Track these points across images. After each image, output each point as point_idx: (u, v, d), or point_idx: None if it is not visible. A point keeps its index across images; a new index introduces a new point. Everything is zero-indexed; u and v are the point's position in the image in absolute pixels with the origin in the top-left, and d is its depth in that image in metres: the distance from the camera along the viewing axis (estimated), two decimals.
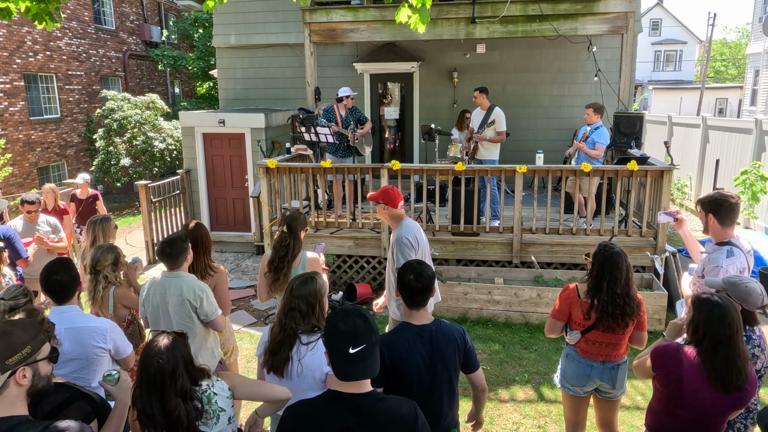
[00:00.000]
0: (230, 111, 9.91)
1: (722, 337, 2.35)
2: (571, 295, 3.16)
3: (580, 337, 3.15)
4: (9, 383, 1.76)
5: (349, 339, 1.84)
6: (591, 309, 3.06)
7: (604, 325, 3.06)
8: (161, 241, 3.38)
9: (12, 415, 1.77)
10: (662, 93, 31.59)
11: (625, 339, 3.14)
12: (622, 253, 3.05)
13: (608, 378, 3.18)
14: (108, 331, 2.85)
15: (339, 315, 1.93)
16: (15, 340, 1.78)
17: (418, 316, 2.54)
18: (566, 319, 3.21)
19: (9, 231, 4.84)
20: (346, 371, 1.86)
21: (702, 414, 2.43)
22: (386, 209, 3.75)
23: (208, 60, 17.29)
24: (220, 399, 2.25)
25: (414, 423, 1.92)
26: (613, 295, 3.01)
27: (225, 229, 9.64)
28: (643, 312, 3.12)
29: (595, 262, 3.09)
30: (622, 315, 3.01)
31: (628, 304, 3.02)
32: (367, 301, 6.62)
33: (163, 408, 2.09)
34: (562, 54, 9.67)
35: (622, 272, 3.03)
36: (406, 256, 3.62)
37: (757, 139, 9.31)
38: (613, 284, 3.02)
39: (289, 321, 2.55)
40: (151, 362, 2.12)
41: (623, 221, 6.67)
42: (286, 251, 3.63)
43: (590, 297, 3.07)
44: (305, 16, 7.88)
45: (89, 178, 7.11)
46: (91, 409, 2.26)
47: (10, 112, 13.76)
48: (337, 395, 1.89)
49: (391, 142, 11.00)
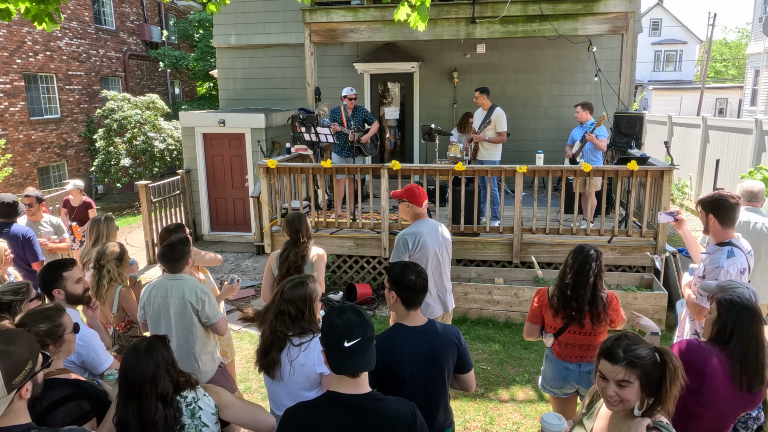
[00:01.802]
0: (230, 111, 9.91)
1: (752, 337, 2.37)
2: (542, 297, 3.20)
3: (553, 340, 3.17)
4: (14, 399, 1.78)
5: (345, 333, 1.87)
6: (557, 308, 3.10)
7: (573, 326, 3.08)
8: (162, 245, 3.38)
9: (18, 424, 1.79)
10: (662, 93, 31.59)
11: (598, 340, 3.11)
12: (591, 254, 3.06)
13: (585, 381, 3.18)
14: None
15: (334, 311, 1.96)
16: (17, 359, 1.78)
17: (413, 317, 2.54)
18: (540, 322, 3.24)
19: (29, 232, 4.82)
20: (342, 365, 1.88)
21: (719, 411, 2.44)
22: (410, 207, 3.74)
23: (209, 60, 17.30)
24: (204, 414, 2.21)
25: (413, 423, 1.92)
26: (576, 293, 3.04)
27: (225, 229, 9.65)
28: (613, 311, 3.12)
29: (565, 260, 3.18)
30: (583, 313, 3.03)
31: (594, 303, 3.03)
32: (367, 302, 6.62)
33: (139, 414, 2.04)
34: (562, 54, 9.67)
35: (575, 264, 3.06)
36: (399, 256, 3.61)
37: (757, 139, 9.31)
38: (564, 275, 3.08)
39: (278, 324, 2.54)
40: (130, 366, 2.08)
41: (623, 221, 6.67)
42: (302, 261, 3.70)
43: (552, 295, 3.14)
44: (305, 16, 7.88)
45: (82, 185, 7.13)
46: (90, 408, 2.24)
47: (11, 113, 13.77)
48: (336, 396, 1.90)
49: (391, 142, 11.00)
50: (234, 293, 3.78)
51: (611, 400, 1.99)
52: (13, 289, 2.76)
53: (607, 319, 3.10)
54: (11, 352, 1.77)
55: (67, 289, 2.93)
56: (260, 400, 4.62)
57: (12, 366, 1.75)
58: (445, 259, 3.82)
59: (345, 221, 6.81)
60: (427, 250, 3.66)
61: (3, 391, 1.72)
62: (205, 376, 3.27)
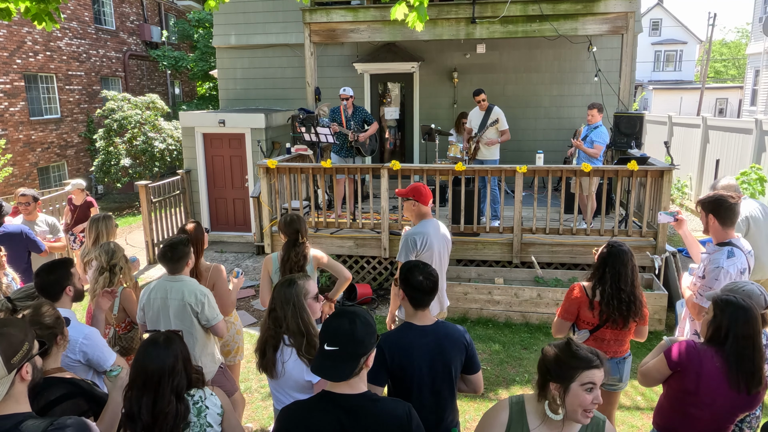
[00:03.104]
0: (230, 111, 9.91)
1: (747, 337, 2.35)
2: (579, 294, 3.17)
3: (588, 336, 3.14)
4: (15, 380, 1.81)
5: (329, 336, 1.88)
6: (598, 305, 3.08)
7: (612, 322, 3.08)
8: (163, 245, 3.37)
9: (18, 412, 1.82)
10: (662, 93, 31.59)
11: (630, 335, 3.19)
12: (629, 252, 3.08)
13: (616, 371, 3.21)
14: (77, 342, 2.68)
15: (337, 312, 1.97)
16: (13, 340, 1.82)
17: (421, 316, 2.54)
18: (574, 319, 3.22)
19: (25, 227, 4.93)
20: (316, 363, 1.90)
21: (716, 413, 2.43)
22: (416, 206, 3.74)
23: (209, 60, 17.30)
24: (210, 415, 2.22)
25: (408, 425, 1.91)
26: (618, 291, 3.04)
27: (225, 229, 9.64)
28: (646, 307, 3.17)
29: (601, 258, 3.13)
30: (627, 311, 3.04)
31: (633, 301, 3.05)
32: (367, 302, 6.62)
33: (153, 406, 2.06)
34: (562, 54, 9.67)
35: (627, 269, 3.05)
36: (407, 255, 3.62)
37: (757, 139, 9.31)
38: (617, 280, 3.04)
39: (271, 323, 2.56)
40: (150, 358, 2.10)
41: (623, 221, 6.67)
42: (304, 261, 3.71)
43: (594, 293, 3.10)
44: (305, 16, 7.88)
45: (83, 185, 7.15)
46: (87, 407, 2.25)
47: (11, 113, 13.77)
48: (331, 396, 1.90)
49: (391, 142, 11.00)
50: (240, 285, 3.80)
51: (595, 404, 1.93)
52: (29, 295, 2.83)
53: (641, 315, 3.12)
54: (6, 332, 1.81)
55: (75, 286, 2.96)
56: (260, 400, 4.62)
57: (9, 346, 1.79)
58: (445, 259, 3.84)
59: (345, 221, 6.81)
60: (433, 251, 3.68)
61: (3, 371, 1.76)
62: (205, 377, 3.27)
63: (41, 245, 4.95)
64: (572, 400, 1.93)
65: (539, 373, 2.05)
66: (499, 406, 2.11)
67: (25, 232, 4.85)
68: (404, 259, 3.60)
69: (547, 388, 1.99)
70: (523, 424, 2.02)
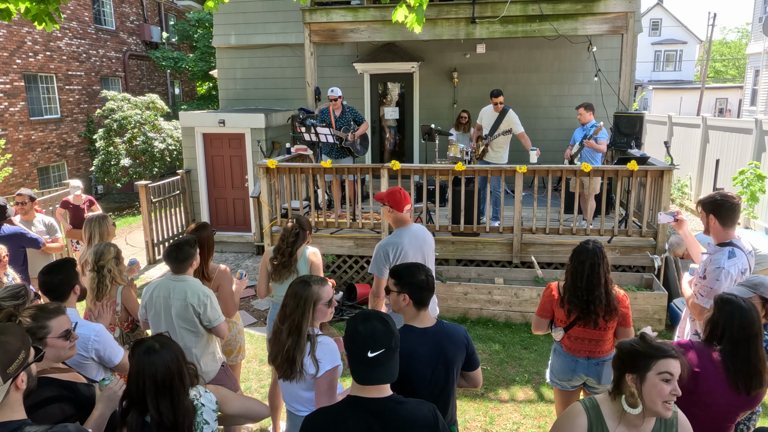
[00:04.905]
0: (230, 111, 9.91)
1: (741, 338, 2.33)
2: (552, 292, 3.24)
3: (563, 334, 3.21)
4: (10, 390, 1.79)
5: (368, 342, 1.83)
6: (566, 303, 3.14)
7: (583, 321, 3.11)
8: (169, 244, 3.37)
9: (13, 420, 1.80)
10: (662, 93, 31.60)
11: (607, 335, 3.16)
12: (592, 250, 3.08)
13: (594, 373, 3.22)
14: (90, 340, 2.67)
15: (359, 318, 1.92)
16: (10, 348, 1.79)
17: (422, 317, 2.53)
18: (550, 316, 3.28)
19: (19, 228, 4.96)
20: (364, 375, 1.85)
21: (716, 413, 2.41)
22: (391, 212, 3.52)
23: (209, 61, 17.29)
24: (206, 411, 2.23)
25: (435, 425, 1.91)
26: (575, 288, 3.08)
27: (225, 229, 9.64)
28: (625, 308, 3.14)
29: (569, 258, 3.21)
30: (591, 309, 3.05)
31: (593, 300, 3.05)
32: (367, 302, 6.61)
33: (174, 409, 2.07)
34: (562, 54, 9.67)
35: (585, 267, 3.07)
36: (379, 267, 3.44)
37: (757, 139, 9.31)
38: (576, 278, 3.09)
39: (277, 318, 2.57)
40: (154, 366, 2.08)
41: (623, 221, 6.67)
42: (296, 238, 3.73)
43: (564, 291, 3.17)
44: (305, 16, 7.88)
45: (80, 185, 7.13)
46: (73, 412, 2.21)
47: (10, 113, 13.76)
48: (357, 400, 1.88)
49: (391, 142, 10.99)
50: (244, 286, 3.81)
51: (674, 396, 1.90)
52: (12, 294, 2.71)
53: (619, 315, 3.11)
54: (3, 341, 1.78)
55: (81, 285, 2.98)
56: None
57: (5, 355, 1.76)
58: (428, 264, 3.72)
59: (345, 221, 6.81)
60: (425, 256, 3.58)
61: None
62: (207, 376, 3.28)
63: (39, 239, 4.99)
64: (649, 390, 1.91)
65: (614, 369, 2.04)
66: (573, 413, 2.07)
67: (21, 231, 4.87)
68: (377, 271, 3.44)
69: (623, 382, 1.98)
70: (603, 428, 2.01)
